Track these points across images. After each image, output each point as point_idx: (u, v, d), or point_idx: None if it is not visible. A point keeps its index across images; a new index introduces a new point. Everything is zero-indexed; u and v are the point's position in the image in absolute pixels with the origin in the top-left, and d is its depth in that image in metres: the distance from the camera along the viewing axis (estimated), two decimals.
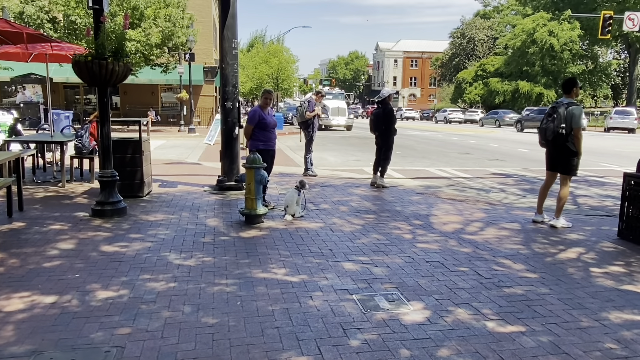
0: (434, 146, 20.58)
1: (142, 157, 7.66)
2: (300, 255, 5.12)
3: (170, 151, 15.79)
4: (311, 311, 3.76)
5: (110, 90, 6.70)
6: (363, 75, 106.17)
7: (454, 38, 69.66)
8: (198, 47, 27.56)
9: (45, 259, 4.80)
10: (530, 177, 11.74)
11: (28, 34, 7.48)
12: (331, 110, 29.59)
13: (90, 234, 5.67)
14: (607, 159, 15.87)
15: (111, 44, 6.16)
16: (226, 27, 8.41)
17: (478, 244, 5.67)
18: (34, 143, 9.71)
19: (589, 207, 8.36)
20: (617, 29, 37.16)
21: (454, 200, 8.40)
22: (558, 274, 4.74)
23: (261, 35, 69.96)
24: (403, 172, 11.96)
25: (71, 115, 20.88)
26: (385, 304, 3.94)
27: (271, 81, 48.96)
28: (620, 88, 58.31)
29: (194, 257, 4.94)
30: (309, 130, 10.82)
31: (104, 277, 4.34)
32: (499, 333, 3.48)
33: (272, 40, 60.66)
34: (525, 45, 49.90)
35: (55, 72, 22.32)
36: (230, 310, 3.75)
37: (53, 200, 7.46)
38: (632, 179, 5.97)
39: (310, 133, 10.81)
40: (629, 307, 3.98)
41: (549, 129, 6.30)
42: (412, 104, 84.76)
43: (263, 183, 6.49)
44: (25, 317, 3.55)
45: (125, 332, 3.35)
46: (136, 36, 20.89)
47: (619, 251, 5.57)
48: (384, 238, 5.84)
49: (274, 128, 7.32)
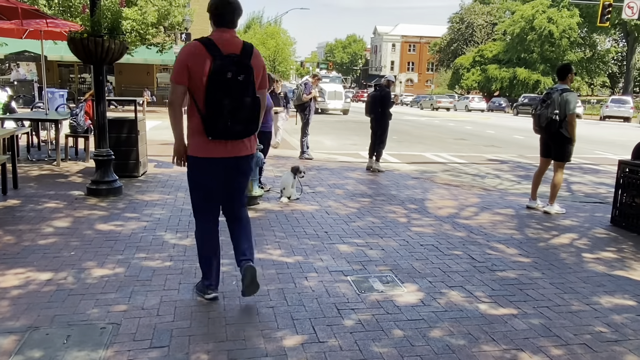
0: (430, 131, 20.58)
1: (137, 137, 7.62)
2: (296, 237, 5.14)
3: (165, 132, 15.69)
4: (306, 292, 3.79)
5: (106, 69, 6.63)
6: (360, 59, 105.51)
7: (453, 23, 69.19)
8: (194, 27, 27.29)
9: (41, 236, 4.80)
10: (526, 163, 11.78)
11: (23, 10, 7.38)
12: (328, 94, 29.46)
13: (86, 213, 5.67)
14: (602, 147, 15.93)
15: (107, 22, 6.08)
16: None
17: (472, 229, 5.71)
18: (28, 121, 9.64)
19: (583, 194, 8.42)
20: (616, 17, 37.00)
21: (449, 185, 8.43)
22: (551, 258, 4.79)
23: (258, 17, 69.31)
24: (399, 157, 11.97)
25: (66, 93, 20.69)
26: (380, 285, 3.97)
27: (268, 63, 48.64)
28: (617, 76, 58.27)
29: (189, 237, 4.95)
30: (305, 113, 10.80)
31: (100, 255, 4.35)
32: (491, 315, 3.52)
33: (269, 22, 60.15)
34: (524, 31, 49.68)
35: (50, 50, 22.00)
36: (226, 289, 3.77)
37: (48, 179, 7.43)
38: (627, 166, 6.01)
39: (307, 116, 10.78)
40: (620, 292, 4.04)
41: (543, 115, 6.30)
42: (410, 89, 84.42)
43: (259, 165, 6.49)
44: (21, 294, 3.56)
45: (121, 310, 3.37)
46: (132, 15, 20.64)
47: (611, 237, 5.63)
48: (379, 221, 5.87)
49: (271, 110, 7.28)
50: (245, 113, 3.25)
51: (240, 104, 3.20)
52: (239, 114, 3.21)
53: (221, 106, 3.16)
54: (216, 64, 3.13)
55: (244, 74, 3.21)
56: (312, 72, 35.95)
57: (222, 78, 3.14)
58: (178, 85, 3.23)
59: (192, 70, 3.18)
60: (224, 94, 3.16)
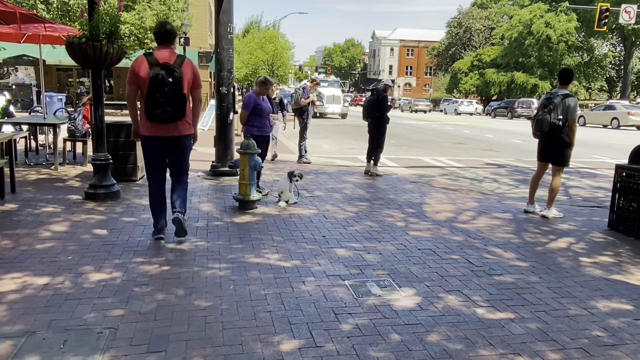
0: (428, 135, 20.62)
1: (135, 141, 7.61)
2: (294, 241, 5.15)
3: None
4: (303, 296, 3.79)
5: (104, 73, 6.64)
6: (359, 63, 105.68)
7: (451, 27, 69.38)
8: (193, 31, 27.34)
9: (38, 240, 4.79)
10: (523, 167, 11.80)
11: (21, 14, 7.38)
12: (326, 98, 29.51)
13: (83, 217, 5.66)
14: (599, 151, 15.97)
15: (105, 26, 6.09)
16: (222, 11, 8.34)
17: (470, 233, 5.71)
18: (26, 125, 9.64)
19: (581, 198, 8.43)
20: (614, 22, 37.14)
21: (447, 189, 8.44)
22: (548, 263, 4.79)
23: (257, 21, 69.42)
24: (397, 161, 11.99)
25: (64, 98, 20.71)
26: (377, 290, 3.97)
27: (266, 67, 48.68)
28: (615, 81, 58.44)
29: (187, 242, 4.95)
30: (303, 117, 10.82)
31: (97, 260, 4.35)
32: (489, 320, 3.52)
33: (267, 26, 60.25)
34: (522, 36, 49.85)
35: (48, 54, 22.05)
36: (223, 294, 3.77)
37: (46, 183, 7.43)
38: (624, 170, 6.03)
39: (305, 120, 10.80)
40: (617, 296, 4.04)
41: (546, 120, 6.28)
42: (408, 93, 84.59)
43: (257, 169, 6.49)
44: (18, 298, 3.55)
45: (118, 314, 3.37)
46: (130, 19, 20.68)
47: (608, 242, 5.64)
48: (377, 225, 5.87)
49: (269, 114, 7.30)
50: (173, 104, 4.57)
51: (170, 98, 4.53)
52: (169, 104, 4.54)
53: (155, 99, 4.53)
54: (153, 70, 4.51)
55: (173, 77, 4.53)
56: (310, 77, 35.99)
57: (156, 79, 4.50)
58: (131, 86, 4.66)
59: (138, 74, 4.56)
60: (158, 90, 4.51)
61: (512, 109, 40.49)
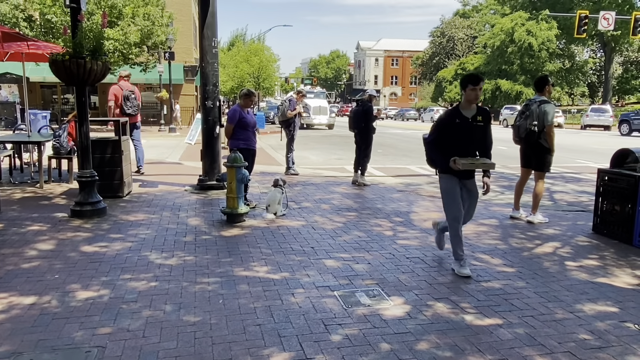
0: (415, 144, 20.73)
1: (121, 157, 7.60)
2: (282, 253, 5.15)
3: (150, 151, 15.62)
4: (293, 308, 3.79)
5: (89, 89, 6.63)
6: (344, 74, 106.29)
7: (434, 37, 70.14)
8: (178, 45, 27.33)
9: (24, 260, 4.74)
10: (508, 174, 11.92)
11: (4, 33, 7.36)
12: (313, 109, 29.61)
13: (70, 235, 5.62)
14: (583, 156, 16.18)
15: (89, 43, 6.09)
16: (206, 26, 8.38)
17: None
18: (10, 143, 9.55)
19: (565, 202, 8.54)
20: (593, 28, 37.83)
21: (434, 197, 8.49)
22: (534, 268, 4.85)
23: (242, 34, 69.45)
24: (384, 170, 12.05)
25: (48, 115, 20.56)
26: (366, 299, 3.99)
27: (252, 80, 48.72)
28: (597, 86, 59.37)
29: (175, 257, 4.93)
30: (290, 129, 10.84)
31: (84, 278, 4.31)
32: (477, 326, 3.55)
33: (252, 39, 60.36)
34: (504, 44, 50.50)
35: (32, 71, 21.97)
36: (212, 308, 3.76)
37: (31, 201, 7.36)
38: (606, 174, 6.12)
39: (292, 132, 10.83)
40: (603, 299, 4.09)
41: (522, 126, 6.43)
42: (394, 102, 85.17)
43: (244, 182, 6.50)
44: (4, 319, 3.51)
45: (106, 332, 3.34)
46: (114, 35, 20.65)
47: (593, 245, 5.72)
48: (365, 235, 5.90)
49: (255, 127, 7.31)
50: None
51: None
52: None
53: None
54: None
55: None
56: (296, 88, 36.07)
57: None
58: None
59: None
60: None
61: None
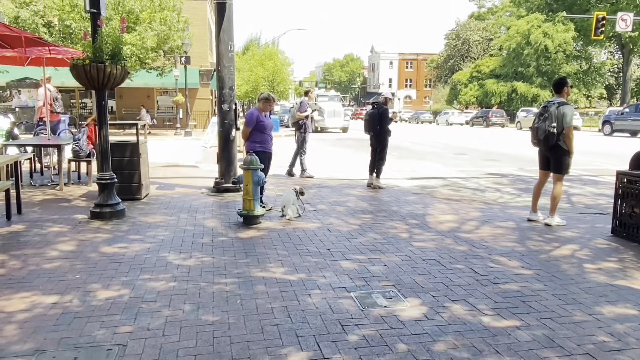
0: (429, 147, 20.68)
1: (139, 160, 7.70)
2: (298, 254, 5.18)
3: (166, 154, 15.82)
4: (310, 309, 3.82)
5: (107, 93, 6.74)
6: (358, 77, 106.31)
7: (449, 40, 69.94)
8: (193, 50, 27.60)
9: (46, 260, 4.84)
10: (525, 176, 11.83)
11: (26, 38, 7.51)
12: (327, 112, 29.66)
13: (90, 236, 5.71)
14: (601, 158, 15.98)
15: (108, 48, 6.20)
16: (222, 30, 8.47)
17: (474, 242, 5.74)
18: (31, 147, 9.74)
19: (583, 205, 8.45)
20: (611, 30, 37.42)
21: (450, 199, 8.47)
22: (552, 270, 4.81)
23: (256, 39, 69.95)
24: (399, 173, 12.03)
25: (67, 119, 20.85)
26: (383, 301, 4.00)
27: (267, 84, 48.98)
28: (614, 88, 58.63)
29: (193, 258, 4.99)
30: (301, 131, 10.85)
31: (104, 278, 4.39)
32: (495, 328, 3.54)
33: (267, 43, 60.73)
34: (520, 46, 50.14)
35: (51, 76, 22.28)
36: (230, 308, 3.80)
37: (51, 203, 7.49)
38: (625, 176, 6.06)
39: (303, 134, 10.83)
40: (622, 302, 4.05)
41: (540, 128, 6.38)
42: (408, 105, 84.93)
43: (260, 184, 6.54)
44: (27, 317, 3.59)
45: (127, 331, 3.40)
46: (132, 40, 20.90)
47: (612, 248, 5.65)
48: (381, 237, 5.90)
49: (271, 130, 7.37)
50: None
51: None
52: None
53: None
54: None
55: None
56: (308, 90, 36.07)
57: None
58: None
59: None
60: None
61: (487, 118, 44.67)
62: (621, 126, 28.45)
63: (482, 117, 46.20)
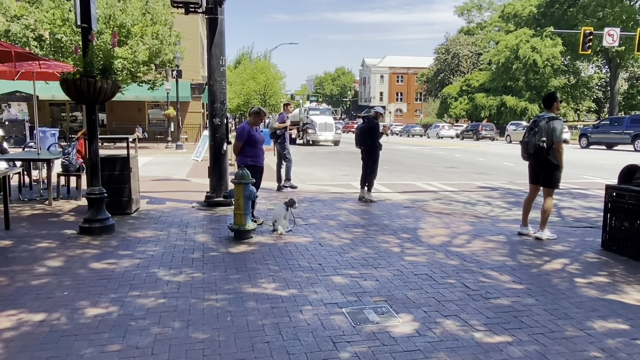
0: (420, 160, 20.76)
1: (130, 174, 7.66)
2: (290, 269, 5.15)
3: (157, 168, 15.75)
4: (301, 325, 3.78)
5: (98, 107, 6.71)
6: (350, 91, 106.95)
7: (439, 54, 70.59)
8: (185, 64, 27.62)
9: (33, 276, 4.77)
10: (516, 190, 11.90)
11: (17, 53, 7.48)
12: (319, 125, 29.74)
13: (78, 252, 5.65)
14: (590, 172, 16.12)
15: (99, 62, 6.19)
16: (214, 45, 8.50)
17: (465, 257, 5.74)
18: (20, 161, 9.66)
19: (573, 219, 8.50)
20: (598, 45, 37.94)
21: (441, 213, 8.49)
22: (544, 284, 4.82)
23: (248, 52, 70.16)
24: (390, 187, 12.05)
25: (57, 132, 20.78)
26: (375, 316, 3.97)
27: (258, 97, 49.09)
28: (603, 102, 59.36)
29: (183, 273, 4.94)
30: (279, 142, 10.92)
31: (93, 294, 4.33)
32: (487, 343, 3.53)
33: (259, 57, 60.99)
34: (509, 61, 50.78)
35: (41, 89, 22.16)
36: (221, 325, 3.76)
37: (40, 218, 7.41)
38: (614, 190, 6.10)
39: (282, 144, 10.90)
40: (613, 316, 4.06)
41: (531, 142, 6.43)
42: (399, 119, 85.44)
43: (252, 198, 6.52)
44: (14, 336, 3.53)
45: (115, 349, 3.35)
46: (123, 54, 20.89)
47: (602, 262, 5.68)
48: (373, 252, 5.89)
49: (262, 144, 7.37)
50: None
51: None
52: None
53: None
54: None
55: None
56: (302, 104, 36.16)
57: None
58: None
59: None
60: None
61: (477, 131, 45.36)
62: (597, 139, 29.74)
63: (472, 130, 46.84)
